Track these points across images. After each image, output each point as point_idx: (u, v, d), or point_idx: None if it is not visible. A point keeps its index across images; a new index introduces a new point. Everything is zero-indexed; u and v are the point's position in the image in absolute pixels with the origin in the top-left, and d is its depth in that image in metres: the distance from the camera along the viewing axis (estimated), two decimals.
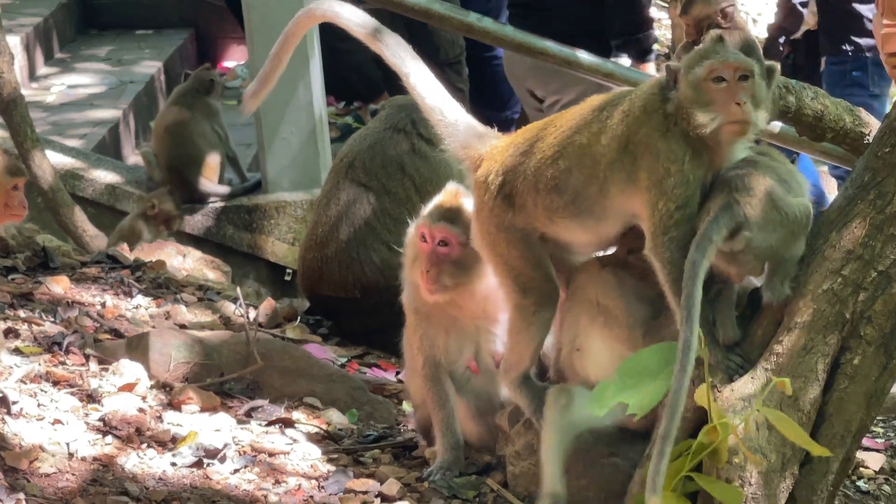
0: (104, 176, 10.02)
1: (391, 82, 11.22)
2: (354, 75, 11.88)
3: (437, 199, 5.24)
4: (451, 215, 5.16)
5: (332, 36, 9.35)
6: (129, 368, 5.68)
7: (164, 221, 9.58)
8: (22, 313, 6.24)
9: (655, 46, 9.95)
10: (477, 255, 5.06)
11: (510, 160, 4.92)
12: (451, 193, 5.22)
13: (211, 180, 9.95)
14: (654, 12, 13.22)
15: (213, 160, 9.99)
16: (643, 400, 4.32)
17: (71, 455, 5.00)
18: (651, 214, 4.62)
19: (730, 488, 4.43)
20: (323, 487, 5.07)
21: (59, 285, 6.69)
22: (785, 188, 4.59)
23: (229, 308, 7.04)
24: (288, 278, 9.52)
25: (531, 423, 5.00)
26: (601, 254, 5.00)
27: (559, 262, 5.01)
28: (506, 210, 4.91)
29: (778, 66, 4.78)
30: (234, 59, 13.84)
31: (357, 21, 5.20)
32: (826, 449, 4.47)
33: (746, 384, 4.54)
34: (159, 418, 5.39)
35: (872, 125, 5.57)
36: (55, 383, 5.51)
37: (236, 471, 5.11)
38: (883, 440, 6.09)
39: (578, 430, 4.86)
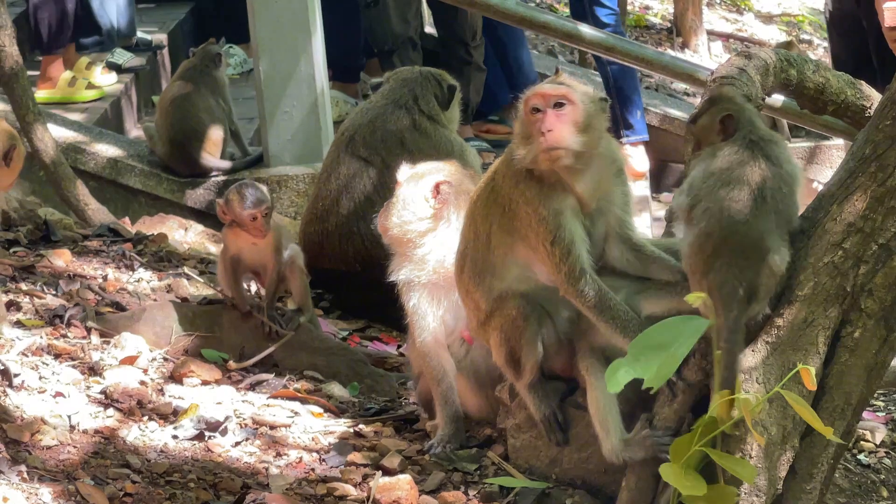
0: (106, 150, 9.99)
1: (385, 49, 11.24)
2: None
3: None
4: None
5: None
6: (130, 341, 5.70)
7: None
8: (24, 286, 6.25)
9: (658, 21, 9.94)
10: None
11: None
12: None
13: (213, 154, 9.90)
14: None
15: (216, 134, 9.93)
16: (658, 372, 4.30)
17: (72, 428, 5.01)
18: (540, 259, 4.63)
19: (744, 463, 4.39)
20: (324, 460, 5.08)
21: (60, 258, 6.69)
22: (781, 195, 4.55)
23: None
24: None
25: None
26: None
27: None
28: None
29: None
30: (235, 33, 13.74)
31: None
32: (829, 428, 4.43)
33: (747, 357, 4.53)
34: (161, 391, 5.40)
35: (874, 98, 5.56)
36: (57, 356, 5.52)
37: (238, 443, 5.13)
38: (884, 414, 6.09)
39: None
